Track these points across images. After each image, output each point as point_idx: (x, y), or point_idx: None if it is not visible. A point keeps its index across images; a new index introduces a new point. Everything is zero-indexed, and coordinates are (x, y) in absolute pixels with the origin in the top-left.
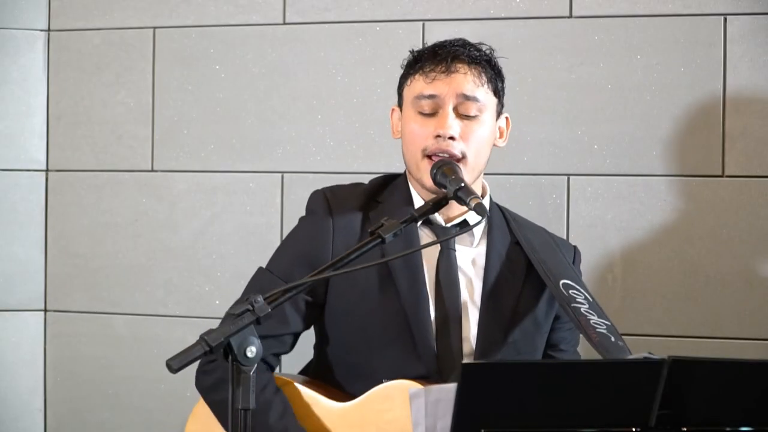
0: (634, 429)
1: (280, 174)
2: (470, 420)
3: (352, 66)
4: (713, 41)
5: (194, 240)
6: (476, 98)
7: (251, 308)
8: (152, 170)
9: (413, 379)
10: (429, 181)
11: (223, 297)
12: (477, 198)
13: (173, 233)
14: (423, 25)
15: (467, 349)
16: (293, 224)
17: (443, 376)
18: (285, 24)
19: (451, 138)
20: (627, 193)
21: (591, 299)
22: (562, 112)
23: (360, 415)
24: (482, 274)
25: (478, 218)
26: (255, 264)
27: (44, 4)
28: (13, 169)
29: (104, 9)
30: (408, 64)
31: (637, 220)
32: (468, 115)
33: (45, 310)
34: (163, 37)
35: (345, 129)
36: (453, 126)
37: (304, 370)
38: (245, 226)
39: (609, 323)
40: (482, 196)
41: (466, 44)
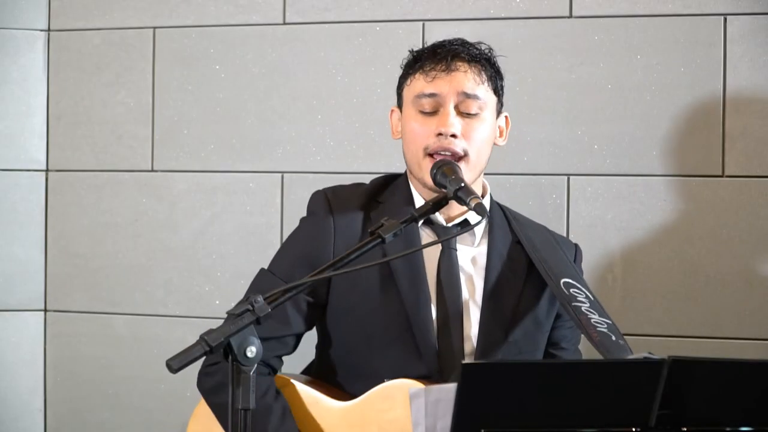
0: (634, 429)
1: (280, 174)
2: (470, 420)
3: (352, 66)
4: (713, 41)
5: (194, 240)
6: (477, 96)
7: (251, 308)
8: (152, 170)
9: (415, 379)
10: (431, 180)
11: (223, 297)
12: (477, 198)
13: (173, 233)
14: (423, 25)
15: (468, 349)
16: (293, 224)
17: (444, 376)
18: (285, 24)
19: (453, 136)
20: (627, 193)
21: (592, 298)
22: (562, 112)
23: (361, 415)
24: (483, 274)
25: (479, 218)
26: (255, 264)
27: (44, 4)
28: (13, 169)
29: (104, 9)
30: (407, 64)
31: (637, 220)
32: (469, 113)
33: (45, 310)
34: (163, 37)
35: (345, 129)
36: (454, 124)
37: (306, 370)
38: (245, 226)
39: (610, 322)
40: (483, 196)
41: (466, 43)
